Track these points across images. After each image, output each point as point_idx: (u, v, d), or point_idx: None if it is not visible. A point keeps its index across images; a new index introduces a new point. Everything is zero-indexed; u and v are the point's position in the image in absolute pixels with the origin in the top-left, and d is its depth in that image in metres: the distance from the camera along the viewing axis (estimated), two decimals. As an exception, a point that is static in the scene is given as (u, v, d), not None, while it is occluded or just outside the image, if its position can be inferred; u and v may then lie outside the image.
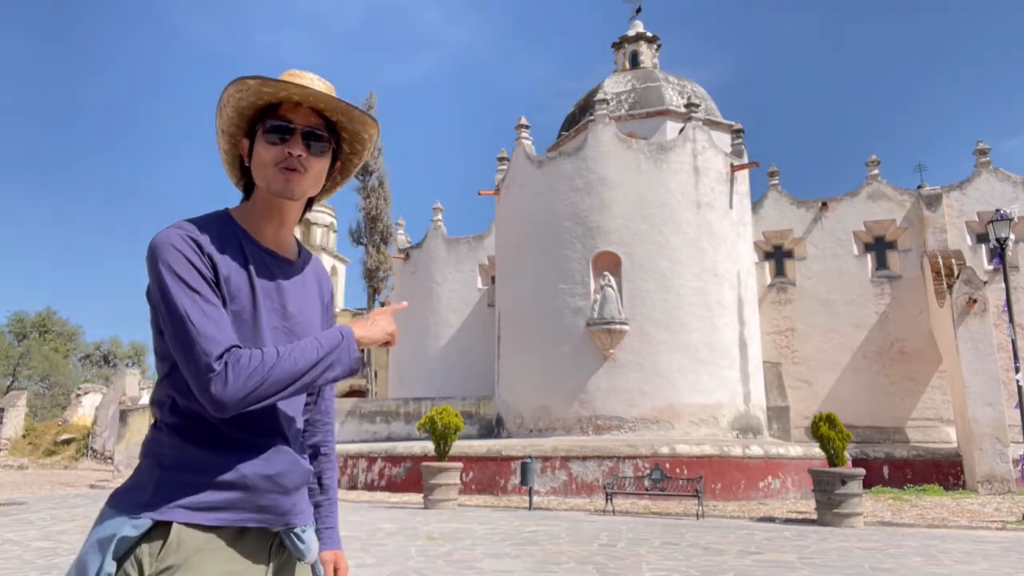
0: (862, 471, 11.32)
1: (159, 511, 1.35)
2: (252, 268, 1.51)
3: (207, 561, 1.35)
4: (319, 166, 1.58)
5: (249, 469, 1.42)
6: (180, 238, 1.43)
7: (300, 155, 1.54)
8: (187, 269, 1.40)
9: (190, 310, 1.36)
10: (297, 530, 1.50)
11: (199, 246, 1.43)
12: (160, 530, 1.35)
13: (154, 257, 1.41)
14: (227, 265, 1.46)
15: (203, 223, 1.49)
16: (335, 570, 1.70)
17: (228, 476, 1.40)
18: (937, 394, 20.13)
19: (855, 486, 10.92)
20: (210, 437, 1.42)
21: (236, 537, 1.41)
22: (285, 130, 1.54)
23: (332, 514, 1.75)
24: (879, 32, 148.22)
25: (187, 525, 1.36)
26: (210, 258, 1.44)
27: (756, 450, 14.94)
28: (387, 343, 1.57)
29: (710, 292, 17.90)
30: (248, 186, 1.62)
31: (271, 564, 1.46)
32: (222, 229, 1.51)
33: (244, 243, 1.53)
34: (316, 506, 1.72)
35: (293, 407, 1.57)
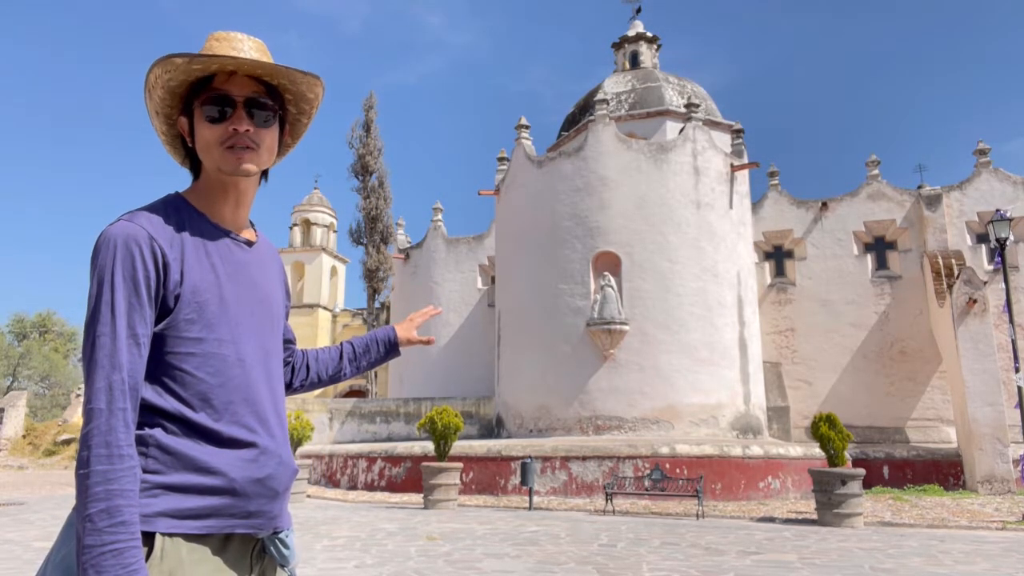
0: (862, 471, 11.30)
1: (141, 521, 1.24)
2: (214, 253, 1.42)
3: (192, 574, 1.26)
4: (269, 137, 1.48)
5: (238, 473, 1.34)
6: (132, 238, 1.32)
7: (247, 130, 1.43)
8: (126, 283, 1.29)
9: (102, 343, 1.26)
10: (282, 535, 1.43)
11: (153, 241, 1.33)
12: (142, 540, 1.24)
13: (99, 255, 1.31)
14: (185, 257, 1.36)
15: (158, 212, 1.38)
16: (416, 334, 1.95)
17: (215, 481, 1.31)
18: (937, 394, 20.12)
19: (855, 486, 10.92)
20: (194, 437, 1.32)
21: (221, 545, 1.33)
22: (225, 103, 1.42)
23: (367, 343, 1.88)
24: (879, 32, 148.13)
25: (171, 535, 1.27)
26: (163, 255, 1.33)
27: (756, 450, 14.93)
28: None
29: (710, 292, 17.89)
30: (196, 165, 1.50)
31: (254, 572, 1.38)
32: (178, 216, 1.40)
33: (202, 228, 1.43)
34: (357, 357, 1.86)
35: (280, 399, 1.50)
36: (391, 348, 1.90)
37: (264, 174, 1.55)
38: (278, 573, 1.44)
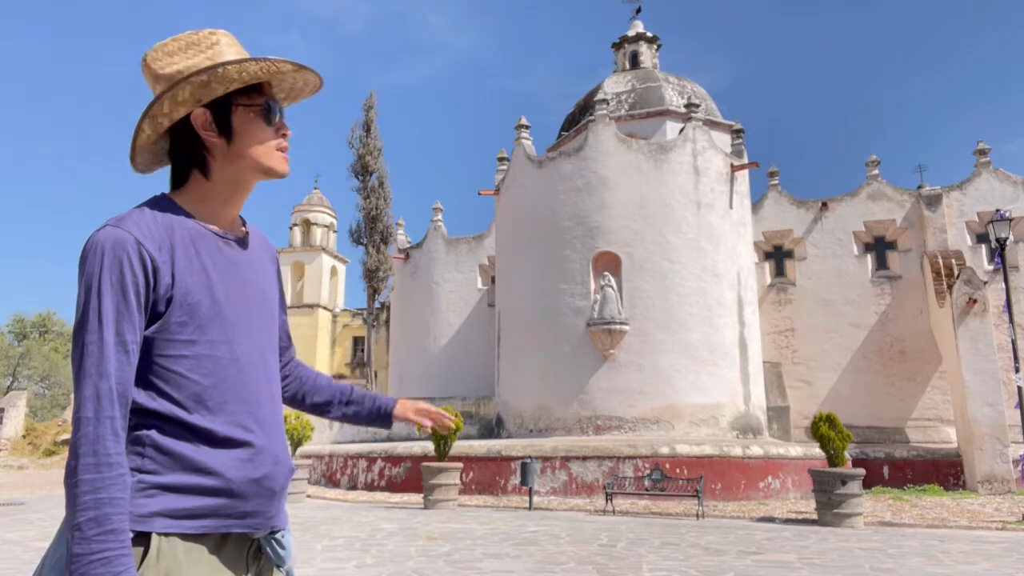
0: (862, 471, 11.31)
1: (138, 521, 1.25)
2: (204, 254, 1.41)
3: (189, 574, 1.27)
4: None
5: (234, 473, 1.34)
6: (119, 244, 1.30)
7: (288, 133, 1.51)
8: (114, 289, 1.28)
9: (90, 351, 1.26)
10: (278, 535, 1.43)
11: (140, 247, 1.31)
12: (138, 540, 1.25)
13: (87, 262, 1.30)
14: (176, 260, 1.35)
15: (145, 215, 1.37)
16: (414, 411, 1.85)
17: (212, 481, 1.32)
18: (937, 394, 20.13)
19: (855, 486, 10.92)
20: (190, 438, 1.32)
21: (217, 545, 1.33)
22: (277, 110, 1.48)
23: (364, 395, 1.82)
24: (879, 32, 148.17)
25: (167, 535, 1.27)
26: (152, 260, 1.32)
27: (756, 450, 14.93)
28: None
29: (710, 292, 17.89)
30: (184, 164, 1.46)
31: (250, 572, 1.39)
32: (166, 218, 1.39)
33: (192, 229, 1.41)
34: (348, 403, 1.80)
35: (277, 397, 1.51)
36: (382, 416, 1.83)
37: None
38: (274, 573, 1.44)
